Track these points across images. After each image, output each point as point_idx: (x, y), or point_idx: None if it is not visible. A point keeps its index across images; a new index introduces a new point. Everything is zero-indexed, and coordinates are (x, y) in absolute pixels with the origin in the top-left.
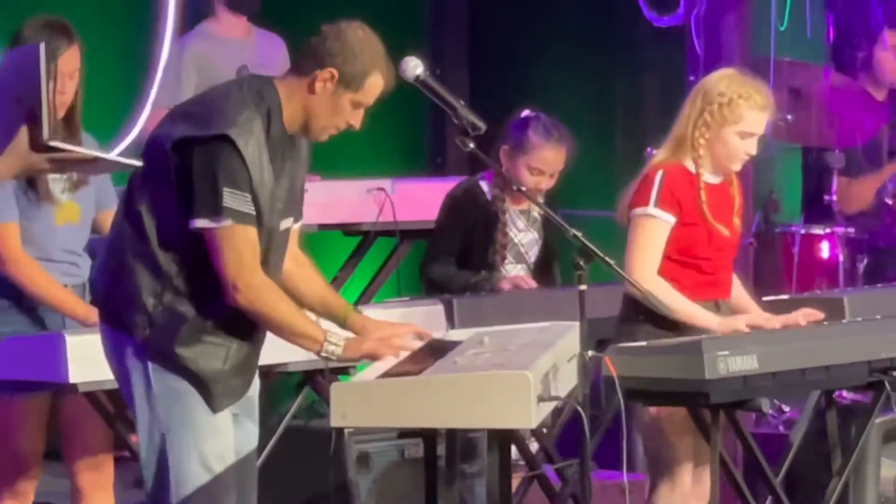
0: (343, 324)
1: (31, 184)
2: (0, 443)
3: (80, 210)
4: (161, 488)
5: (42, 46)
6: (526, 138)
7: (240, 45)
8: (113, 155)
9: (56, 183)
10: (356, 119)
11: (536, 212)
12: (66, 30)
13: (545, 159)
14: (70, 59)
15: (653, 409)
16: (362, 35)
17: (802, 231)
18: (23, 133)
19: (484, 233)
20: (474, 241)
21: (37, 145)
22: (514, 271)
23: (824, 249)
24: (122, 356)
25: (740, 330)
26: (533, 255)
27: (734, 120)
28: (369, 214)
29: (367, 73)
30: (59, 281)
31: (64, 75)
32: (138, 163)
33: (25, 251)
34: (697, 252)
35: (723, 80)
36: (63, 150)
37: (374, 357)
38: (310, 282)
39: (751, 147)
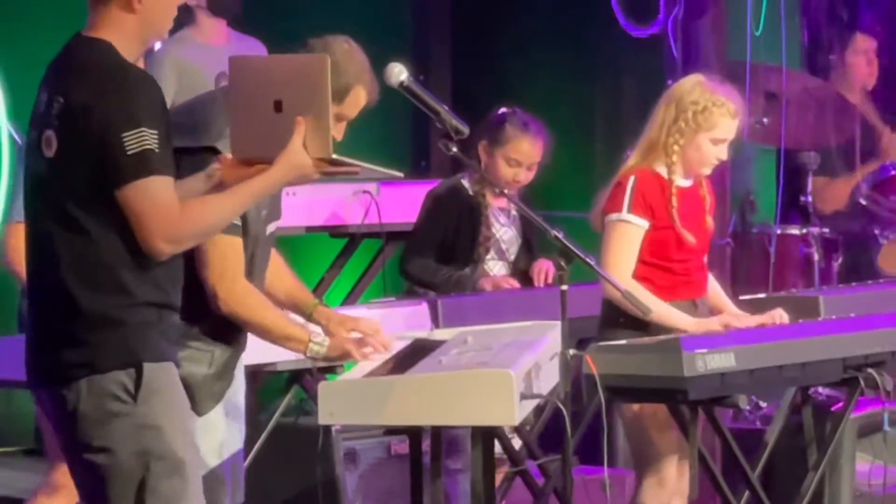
0: (310, 317)
1: None
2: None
3: None
4: None
5: (328, 59)
6: (503, 131)
7: (219, 51)
8: (379, 167)
9: None
10: (338, 132)
11: (516, 210)
12: None
13: (522, 151)
14: None
15: (635, 407)
16: (347, 49)
17: (779, 231)
18: (296, 142)
19: (468, 228)
20: (458, 237)
21: (320, 157)
22: (496, 268)
23: (800, 249)
24: None
25: (715, 330)
26: (513, 252)
27: (708, 127)
28: (355, 217)
29: (349, 88)
30: None
31: None
32: (399, 173)
33: None
34: (670, 254)
35: (696, 88)
36: (343, 164)
37: (356, 357)
38: (278, 278)
39: (722, 153)
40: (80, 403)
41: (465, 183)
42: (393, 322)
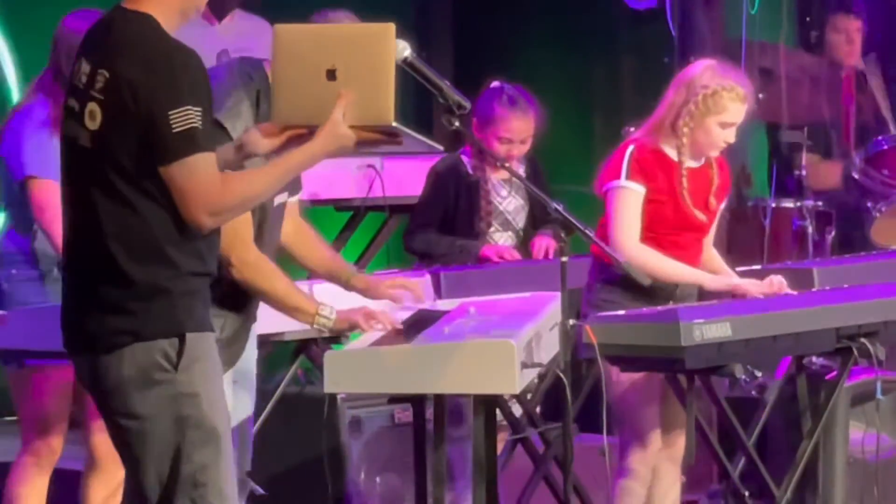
0: (347, 285)
1: None
2: (28, 405)
3: None
4: None
5: (393, 27)
6: (492, 111)
7: (221, 29)
8: (423, 138)
9: None
10: None
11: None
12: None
13: (512, 129)
14: None
15: (624, 377)
16: (348, 23)
17: (773, 204)
18: (337, 114)
19: (467, 203)
20: (458, 211)
21: (381, 124)
22: (502, 239)
23: (794, 222)
24: None
25: (731, 284)
26: (520, 221)
27: (717, 111)
28: (360, 190)
29: None
30: None
31: None
32: (439, 146)
33: None
34: (659, 228)
35: (707, 72)
36: (399, 133)
37: (363, 328)
38: (314, 249)
39: (730, 136)
40: (122, 370)
41: (465, 158)
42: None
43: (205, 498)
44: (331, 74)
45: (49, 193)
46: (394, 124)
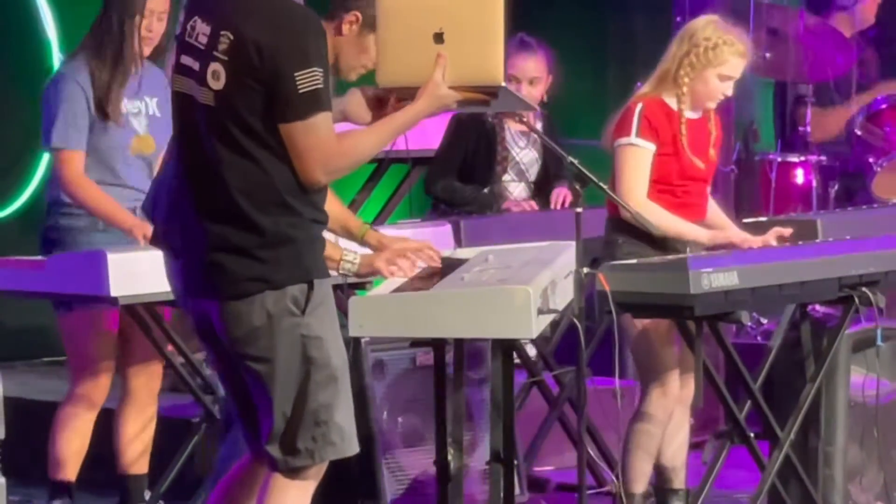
0: (361, 241)
1: (109, 116)
2: (76, 348)
3: (155, 143)
4: None
5: None
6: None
7: None
8: (521, 97)
9: (138, 118)
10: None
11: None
12: None
13: (518, 67)
14: (160, 1)
15: (640, 323)
16: None
17: (779, 159)
18: (437, 75)
19: (486, 149)
20: (477, 158)
21: (490, 84)
22: (517, 189)
23: (799, 175)
24: None
25: (728, 239)
26: (533, 173)
27: (717, 63)
28: None
29: None
30: (128, 206)
31: (153, 13)
32: (536, 106)
33: (101, 176)
34: (671, 179)
35: (709, 26)
36: (502, 92)
37: (384, 274)
38: (328, 205)
39: (728, 89)
40: (254, 316)
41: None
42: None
43: (326, 435)
44: (438, 38)
45: (74, 166)
46: (503, 84)
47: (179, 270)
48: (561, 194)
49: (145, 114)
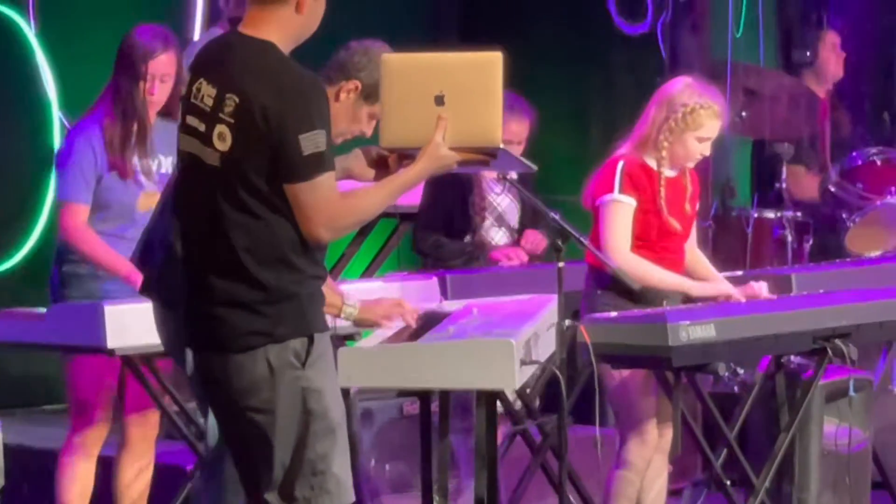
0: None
1: (118, 173)
2: (75, 395)
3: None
4: None
5: (501, 56)
6: None
7: None
8: (521, 159)
9: (149, 175)
10: (369, 129)
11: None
12: (163, 35)
13: (511, 131)
14: (161, 63)
15: (618, 374)
16: (385, 53)
17: (755, 215)
18: (437, 137)
19: (464, 200)
20: (456, 209)
21: (488, 146)
22: (498, 235)
23: (775, 231)
24: None
25: (715, 292)
26: (513, 218)
27: (695, 127)
28: None
29: None
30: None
31: (154, 78)
32: (534, 166)
33: (106, 228)
34: (650, 235)
35: (685, 91)
36: (500, 154)
37: (380, 324)
38: None
39: (706, 149)
40: (256, 369)
41: None
42: (406, 294)
43: (323, 485)
44: (439, 100)
45: (75, 217)
46: (501, 146)
47: (175, 322)
48: (535, 238)
49: (157, 171)
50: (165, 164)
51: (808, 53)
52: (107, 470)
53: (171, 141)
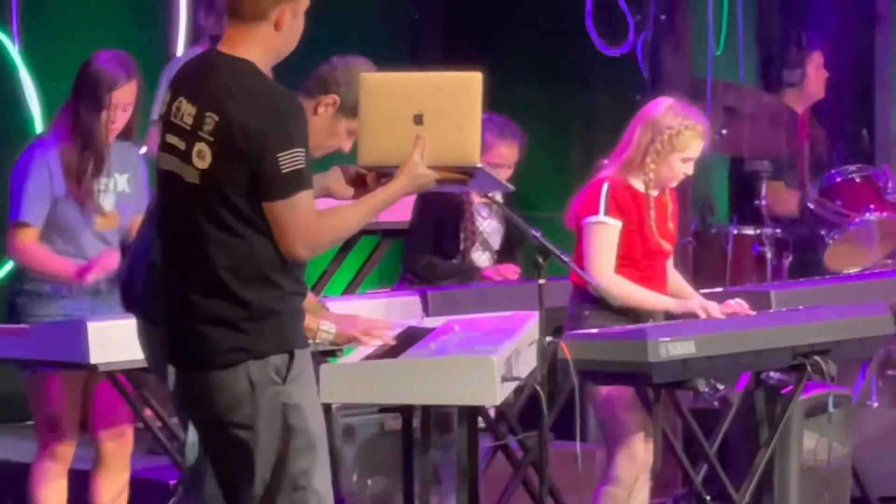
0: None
1: (78, 199)
2: (41, 409)
3: (120, 219)
4: None
5: (481, 76)
6: (482, 139)
7: None
8: (498, 178)
9: (106, 195)
10: (347, 144)
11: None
12: (125, 64)
13: (502, 155)
14: (124, 93)
15: (604, 390)
16: (367, 69)
17: (735, 231)
18: (416, 156)
19: (452, 223)
20: (446, 232)
21: (467, 165)
22: (481, 259)
23: (754, 248)
24: None
25: (694, 309)
26: (496, 242)
27: (681, 148)
28: None
29: None
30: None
31: (117, 107)
32: (511, 186)
33: (64, 248)
34: (635, 255)
35: (669, 112)
36: (479, 172)
37: (362, 343)
38: None
39: (689, 169)
40: (237, 385)
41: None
42: (388, 311)
43: (304, 500)
44: (418, 119)
45: (23, 237)
46: (479, 165)
47: (158, 338)
48: (506, 270)
49: (113, 190)
50: (121, 182)
51: (798, 72)
52: (80, 485)
53: (128, 160)
